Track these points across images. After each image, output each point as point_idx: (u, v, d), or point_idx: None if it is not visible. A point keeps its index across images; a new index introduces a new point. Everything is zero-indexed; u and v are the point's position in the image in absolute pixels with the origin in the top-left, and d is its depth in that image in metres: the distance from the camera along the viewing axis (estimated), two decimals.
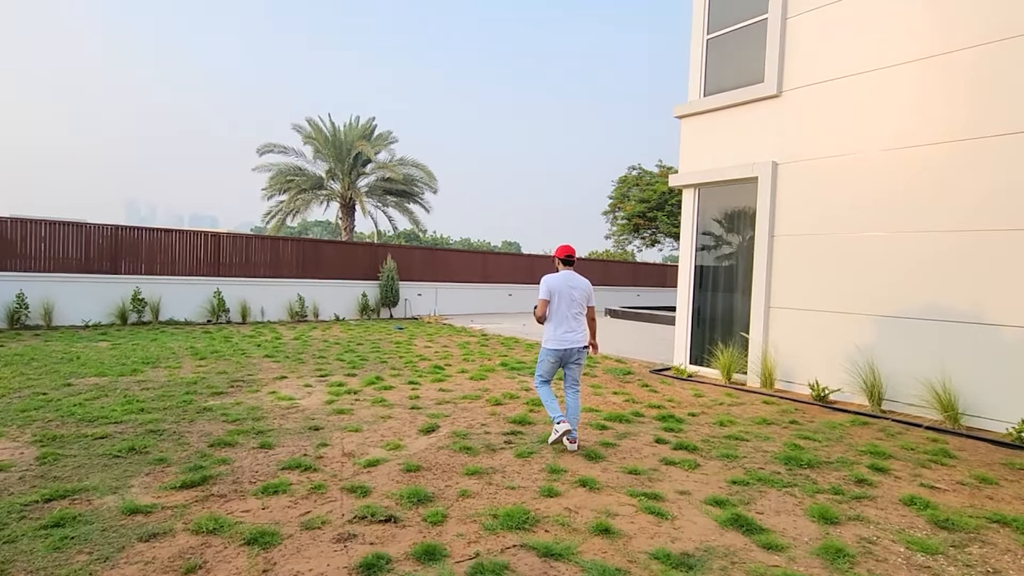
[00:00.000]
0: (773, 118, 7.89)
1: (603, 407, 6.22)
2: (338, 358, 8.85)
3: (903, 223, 6.55)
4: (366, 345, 10.51)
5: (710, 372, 8.51)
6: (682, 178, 9.02)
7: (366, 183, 24.98)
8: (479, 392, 6.75)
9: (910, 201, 6.49)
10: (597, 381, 7.75)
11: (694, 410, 6.24)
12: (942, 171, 6.27)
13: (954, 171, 6.18)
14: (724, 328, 8.61)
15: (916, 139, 6.49)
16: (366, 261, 16.29)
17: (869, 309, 6.80)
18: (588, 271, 22.65)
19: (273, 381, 7.01)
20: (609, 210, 39.78)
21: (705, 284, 8.90)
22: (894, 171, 6.64)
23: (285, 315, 14.46)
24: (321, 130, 23.27)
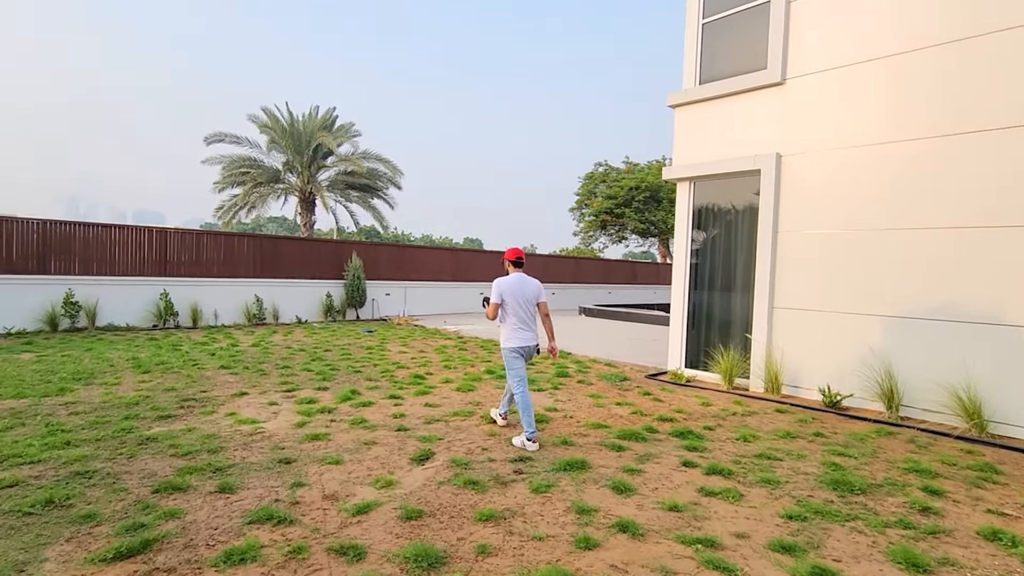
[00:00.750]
0: (776, 107, 7.45)
1: (611, 422, 5.60)
2: (305, 368, 7.94)
3: (920, 218, 6.19)
4: (335, 351, 9.60)
5: (709, 377, 8.04)
6: (676, 171, 8.51)
7: (327, 177, 23.74)
8: (470, 407, 6.03)
9: (928, 195, 6.13)
10: (595, 389, 7.14)
11: (708, 423, 5.70)
12: (963, 163, 5.92)
13: (977, 163, 5.84)
14: (722, 330, 8.15)
15: (934, 129, 6.13)
16: (330, 259, 15.24)
17: (883, 310, 6.43)
18: (559, 269, 22.15)
19: (232, 399, 6.09)
20: (576, 207, 39.60)
21: (701, 283, 8.43)
22: (911, 163, 6.27)
23: (241, 318, 13.31)
24: (278, 120, 21.90)
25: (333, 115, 23.63)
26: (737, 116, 7.87)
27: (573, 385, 7.38)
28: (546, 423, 5.49)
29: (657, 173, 35.17)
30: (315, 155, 22.28)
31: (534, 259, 21.31)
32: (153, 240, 12.38)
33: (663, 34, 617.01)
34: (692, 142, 8.45)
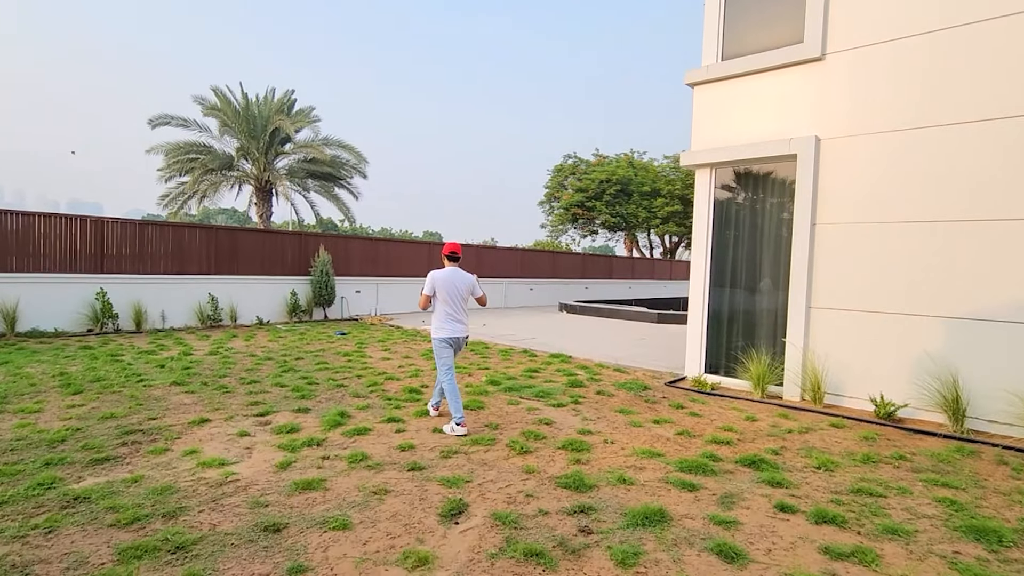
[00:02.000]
0: (815, 85, 6.71)
1: (661, 447, 4.71)
2: (277, 382, 6.72)
3: (988, 208, 5.55)
4: (308, 359, 8.37)
5: (736, 384, 7.29)
6: (695, 156, 7.69)
7: (285, 164, 22.07)
8: (489, 432, 5.02)
9: (1003, 182, 5.50)
10: (620, 403, 6.26)
11: (770, 445, 4.89)
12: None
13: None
14: (747, 332, 7.42)
15: (1002, 109, 5.49)
16: (295, 253, 13.82)
17: (946, 310, 5.78)
18: (537, 263, 21.27)
19: (190, 429, 4.87)
20: (545, 200, 38.82)
21: (722, 280, 7.66)
22: (978, 147, 5.62)
23: (194, 320, 11.79)
24: (230, 102, 20.08)
25: (291, 98, 21.95)
26: (768, 95, 7.11)
27: (593, 397, 6.47)
28: (587, 451, 4.55)
29: (626, 166, 34.78)
30: (272, 141, 20.58)
31: (511, 253, 20.35)
32: (88, 231, 10.73)
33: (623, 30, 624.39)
34: (714, 124, 7.65)
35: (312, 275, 13.77)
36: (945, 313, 5.76)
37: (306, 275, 13.89)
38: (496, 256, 19.52)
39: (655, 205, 34.19)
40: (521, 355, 9.39)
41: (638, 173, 35.08)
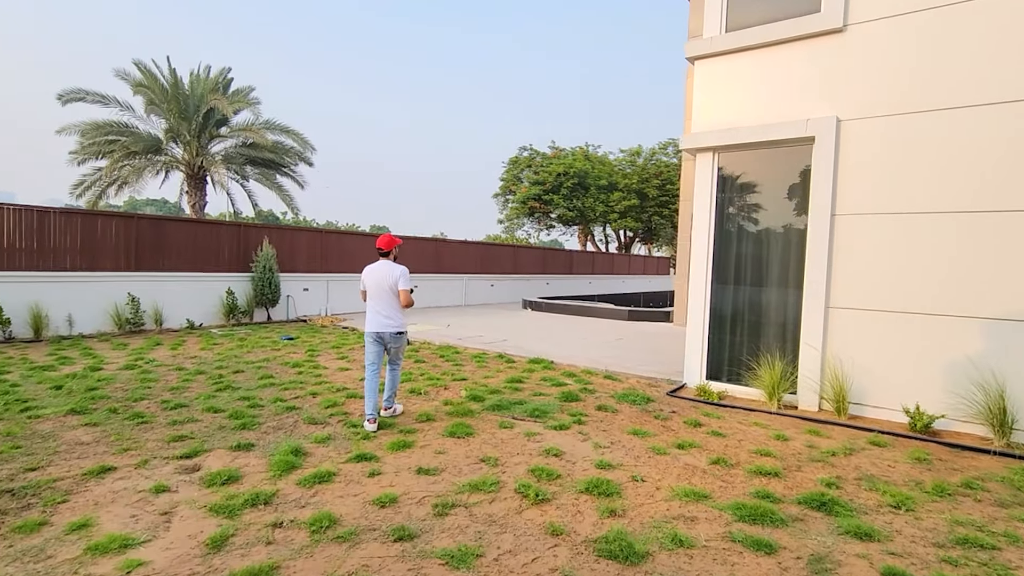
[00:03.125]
0: (834, 60, 6.02)
1: (703, 485, 3.84)
2: (210, 405, 5.43)
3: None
4: (249, 372, 7.05)
5: (745, 393, 6.57)
6: (697, 139, 6.90)
7: (221, 149, 20.07)
8: (489, 471, 4.00)
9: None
10: (627, 420, 5.37)
11: (821, 473, 4.12)
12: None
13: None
14: (753, 334, 6.71)
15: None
16: (233, 246, 12.22)
17: (989, 310, 5.20)
18: (497, 258, 20.26)
19: (85, 484, 3.60)
20: (500, 192, 37.80)
21: (725, 277, 6.93)
22: None
23: (109, 325, 10.08)
24: (156, 78, 17.91)
25: (227, 76, 19.91)
26: (780, 71, 6.39)
27: (595, 415, 5.55)
28: (618, 495, 3.61)
29: (583, 159, 34.25)
30: (206, 122, 18.56)
31: (471, 248, 19.25)
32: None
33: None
34: (716, 104, 6.88)
35: (254, 271, 12.24)
36: (991, 314, 5.18)
37: (247, 271, 12.33)
38: (455, 251, 18.37)
39: (612, 199, 33.86)
40: (497, 361, 8.39)
41: (595, 167, 34.66)
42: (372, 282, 5.14)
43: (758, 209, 6.71)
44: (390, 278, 5.10)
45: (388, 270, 5.12)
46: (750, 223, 6.78)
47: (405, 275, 5.12)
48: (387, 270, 5.13)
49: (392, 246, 5.26)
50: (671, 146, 35.50)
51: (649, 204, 34.26)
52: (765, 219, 6.65)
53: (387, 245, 5.24)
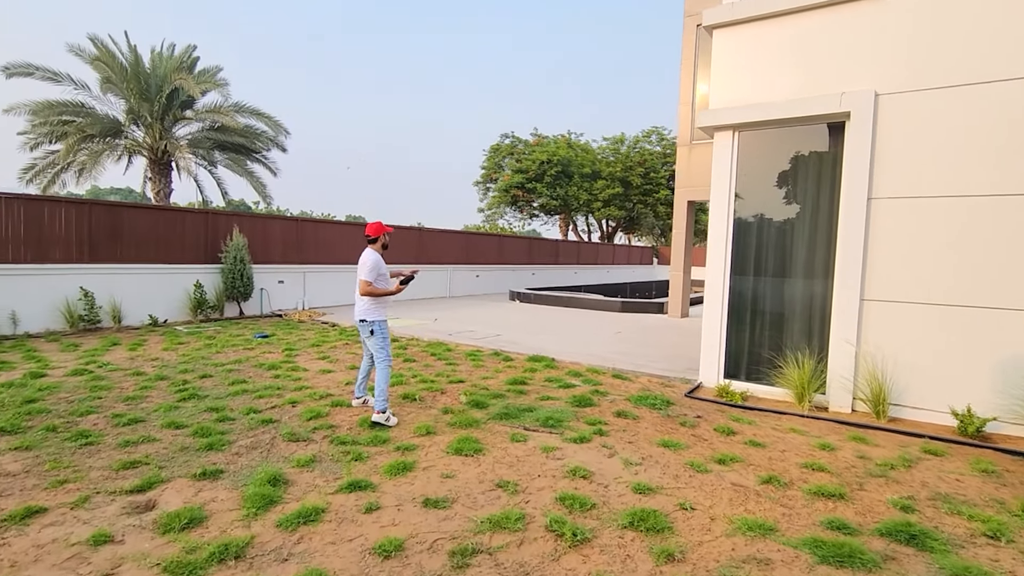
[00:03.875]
0: (873, 28, 5.46)
1: (761, 511, 3.26)
2: (171, 420, 4.65)
3: None
4: (218, 377, 6.25)
5: (769, 392, 6.05)
6: (716, 115, 6.30)
7: (187, 133, 18.86)
8: (508, 500, 3.35)
9: None
10: (653, 429, 4.78)
11: (889, 493, 3.59)
12: None
13: None
14: (776, 329, 6.18)
15: None
16: (201, 236, 11.25)
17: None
18: (482, 248, 19.53)
19: (1, 536, 2.84)
20: (481, 181, 36.92)
21: (745, 267, 6.37)
22: None
23: (60, 322, 9.10)
24: (115, 56, 16.61)
25: (192, 55, 18.67)
26: (811, 40, 5.80)
27: (615, 422, 4.95)
28: (669, 531, 3.00)
29: (566, 147, 33.58)
30: (170, 103, 17.32)
31: (456, 237, 18.47)
32: None
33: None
34: (738, 77, 6.28)
35: (223, 263, 11.30)
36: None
37: (216, 263, 11.39)
38: (439, 240, 17.58)
39: (596, 187, 33.33)
40: (494, 359, 7.73)
41: (577, 155, 34.06)
42: (359, 269, 5.04)
43: (782, 193, 6.15)
44: (360, 266, 4.97)
45: (362, 258, 4.99)
46: (773, 208, 6.22)
47: (366, 265, 4.89)
48: (362, 258, 5.01)
49: (378, 233, 5.07)
50: (654, 134, 35.09)
51: (633, 192, 33.83)
52: (790, 204, 6.09)
53: (372, 232, 5.07)
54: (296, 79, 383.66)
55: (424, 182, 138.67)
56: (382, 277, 4.95)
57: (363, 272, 4.90)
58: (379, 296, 4.91)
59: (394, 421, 4.78)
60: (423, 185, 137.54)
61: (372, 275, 4.86)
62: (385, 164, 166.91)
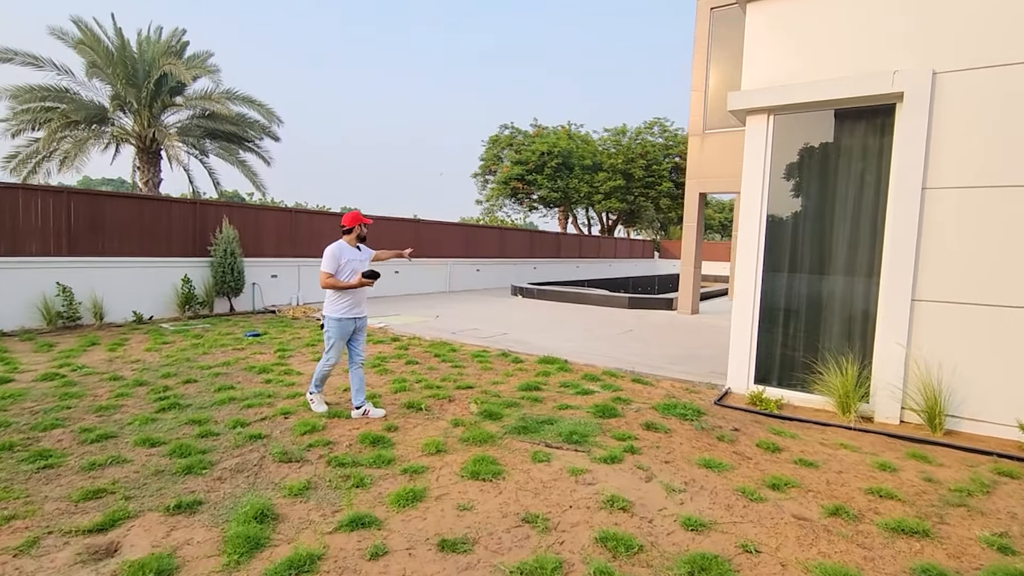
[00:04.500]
0: None
1: (837, 553, 2.76)
2: (145, 437, 4.10)
3: None
4: (203, 382, 5.71)
5: (806, 400, 5.55)
6: (749, 97, 5.76)
7: (177, 121, 18.18)
8: (538, 543, 2.83)
9: None
10: (688, 446, 4.28)
11: (978, 529, 3.09)
12: None
13: None
14: (810, 331, 5.68)
15: None
16: (189, 227, 10.66)
17: None
18: (483, 241, 18.96)
19: None
20: (479, 172, 36.25)
21: (779, 263, 5.86)
22: None
23: (37, 319, 8.52)
24: (100, 39, 15.90)
25: (182, 39, 17.95)
26: (859, 12, 5.26)
27: (647, 437, 4.44)
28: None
29: (566, 139, 32.94)
30: (159, 89, 16.62)
31: (456, 230, 17.90)
32: None
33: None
34: (774, 55, 5.73)
35: (213, 256, 10.72)
36: None
37: (205, 256, 10.80)
38: (439, 233, 17.01)
39: (597, 179, 32.74)
40: (502, 361, 7.21)
41: (578, 146, 33.44)
42: None
43: (820, 183, 5.62)
44: (323, 257, 4.70)
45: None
46: (811, 200, 5.70)
47: (325, 255, 4.62)
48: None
49: (353, 223, 4.79)
50: (656, 125, 34.48)
51: (635, 185, 33.25)
52: (828, 194, 5.57)
53: (347, 222, 4.81)
54: (296, 73, 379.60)
55: (421, 172, 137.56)
56: (348, 269, 4.65)
57: (322, 263, 4.62)
58: (341, 289, 4.61)
59: (377, 413, 4.78)
60: (420, 175, 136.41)
61: (330, 265, 4.58)
62: (381, 152, 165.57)
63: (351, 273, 4.67)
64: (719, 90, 12.21)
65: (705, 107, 12.44)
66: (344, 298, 4.67)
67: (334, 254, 4.60)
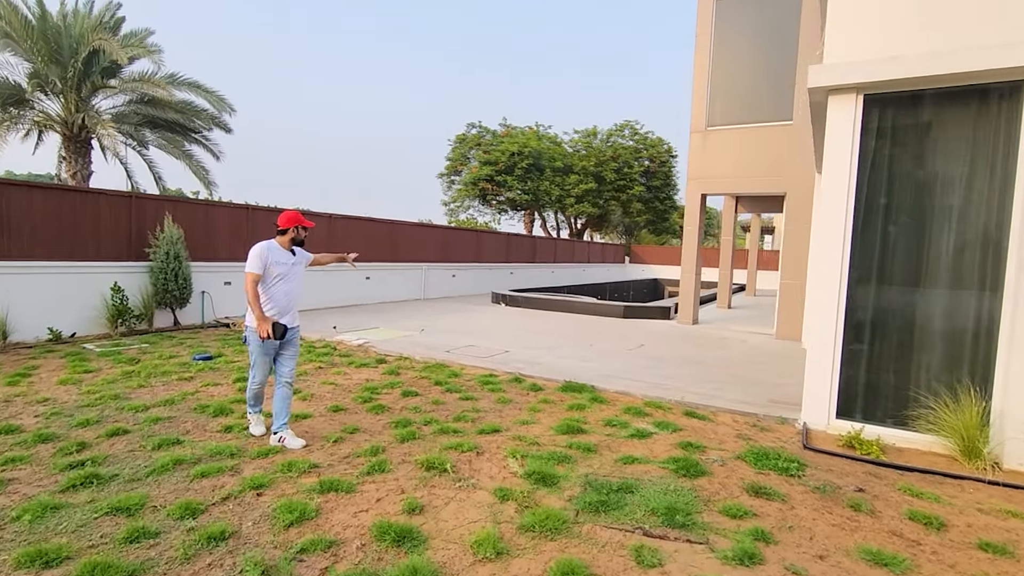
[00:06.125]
0: None
1: None
2: (36, 551, 2.63)
3: None
4: (136, 434, 4.20)
5: (909, 439, 4.56)
6: (837, 72, 4.75)
7: (112, 106, 16.08)
8: None
9: None
10: (819, 520, 3.16)
11: None
12: None
13: None
14: (903, 354, 4.71)
15: None
16: (122, 226, 8.91)
17: None
18: (460, 245, 17.59)
19: None
20: (446, 173, 34.79)
21: (867, 273, 4.86)
22: None
23: None
24: (15, 6, 13.71)
25: (116, 13, 15.90)
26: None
27: (754, 504, 3.30)
28: None
29: (536, 140, 31.93)
30: (89, 69, 14.52)
31: (431, 232, 16.48)
32: None
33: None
34: (869, 21, 4.75)
35: (153, 260, 8.99)
36: None
37: (143, 260, 9.06)
38: (414, 235, 15.56)
39: (569, 182, 31.90)
40: (516, 388, 5.97)
41: (548, 147, 32.55)
42: None
43: (924, 177, 4.66)
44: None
45: None
46: (910, 197, 4.73)
47: (250, 255, 4.12)
48: None
49: (288, 225, 4.30)
50: (627, 128, 33.96)
51: (606, 188, 32.59)
52: (935, 191, 4.61)
53: (283, 222, 4.31)
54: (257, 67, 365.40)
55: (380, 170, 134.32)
56: (274, 273, 4.11)
57: (247, 263, 4.11)
58: (251, 302, 4.05)
59: (294, 444, 4.08)
60: (379, 174, 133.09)
61: (256, 265, 4.05)
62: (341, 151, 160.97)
63: (277, 279, 4.15)
64: (724, 82, 11.39)
65: (708, 102, 11.58)
66: (267, 305, 4.11)
67: (260, 254, 4.08)
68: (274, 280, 4.15)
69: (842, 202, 4.85)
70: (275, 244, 4.25)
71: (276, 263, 4.15)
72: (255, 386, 4.29)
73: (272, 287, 4.14)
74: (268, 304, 4.15)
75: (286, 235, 4.29)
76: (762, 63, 11.07)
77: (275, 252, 4.19)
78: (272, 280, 4.14)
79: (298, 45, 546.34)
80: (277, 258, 4.17)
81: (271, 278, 4.14)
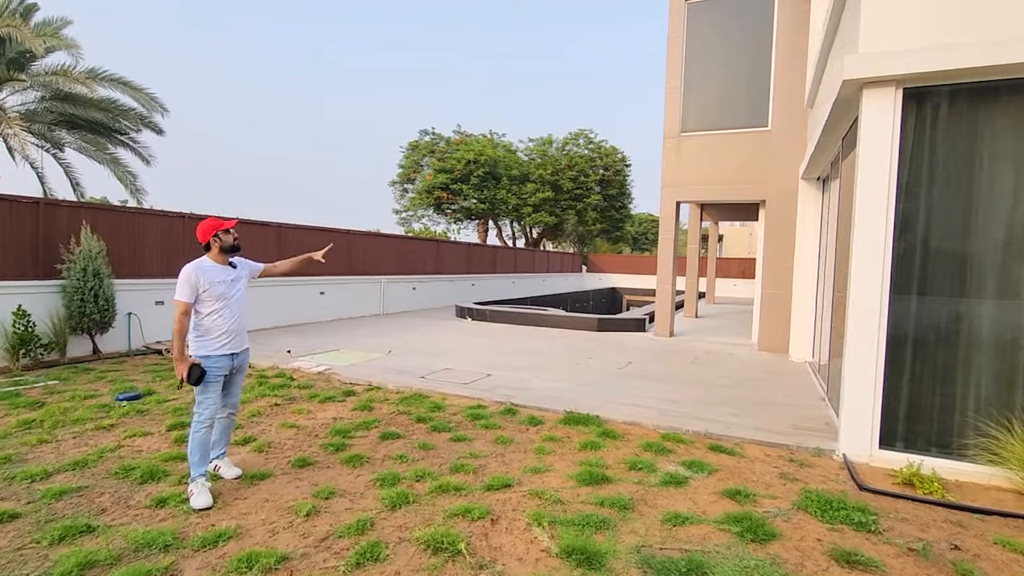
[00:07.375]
0: None
1: None
2: None
3: None
4: (30, 520, 3.11)
5: (965, 471, 4.08)
6: (873, 63, 4.27)
7: (20, 102, 14.32)
8: None
9: None
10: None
11: None
12: None
13: None
14: (951, 374, 4.25)
15: None
16: (24, 237, 7.49)
17: None
18: (418, 254, 16.58)
19: None
20: (398, 180, 33.56)
21: (907, 285, 4.39)
22: None
23: None
24: None
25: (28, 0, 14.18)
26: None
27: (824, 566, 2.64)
28: None
29: (491, 148, 31.28)
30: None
31: (388, 242, 15.40)
32: None
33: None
34: (908, 13, 4.29)
35: (67, 278, 7.61)
36: None
37: (53, 278, 7.67)
38: (370, 245, 14.46)
39: (526, 191, 31.41)
40: (511, 422, 5.18)
41: (503, 155, 31.97)
42: None
43: (974, 178, 4.22)
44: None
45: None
46: (956, 201, 4.28)
47: (179, 281, 3.52)
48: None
49: (210, 235, 3.67)
50: (582, 137, 33.85)
51: (563, 197, 32.27)
52: (989, 194, 4.18)
53: (202, 235, 3.68)
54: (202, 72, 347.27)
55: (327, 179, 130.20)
56: (214, 295, 3.53)
57: (176, 290, 3.52)
58: (175, 334, 3.45)
59: (229, 473, 3.75)
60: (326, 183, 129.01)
61: (185, 293, 3.47)
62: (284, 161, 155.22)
63: (219, 300, 3.56)
64: (697, 87, 11.07)
65: (682, 106, 11.23)
66: (212, 333, 3.55)
67: (188, 279, 3.49)
68: (215, 303, 3.57)
69: (882, 205, 4.36)
70: (207, 262, 3.65)
71: (213, 284, 3.56)
72: (201, 428, 3.51)
73: (214, 313, 3.56)
74: (215, 332, 3.57)
75: (213, 248, 3.70)
76: (736, 68, 10.82)
77: (208, 272, 3.58)
78: (213, 303, 3.56)
79: (226, 46, 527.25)
80: (212, 277, 3.57)
81: (211, 302, 3.55)
